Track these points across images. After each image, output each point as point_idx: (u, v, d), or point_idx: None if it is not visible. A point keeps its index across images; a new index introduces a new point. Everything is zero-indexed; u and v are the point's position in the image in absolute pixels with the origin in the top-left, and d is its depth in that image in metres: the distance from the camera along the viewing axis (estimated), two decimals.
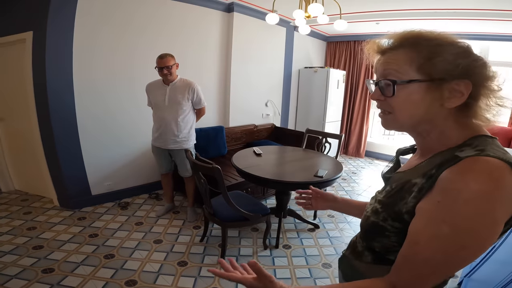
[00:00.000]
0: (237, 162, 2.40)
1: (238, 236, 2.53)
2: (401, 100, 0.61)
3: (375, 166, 5.03)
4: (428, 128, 0.63)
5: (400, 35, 0.62)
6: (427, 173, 0.59)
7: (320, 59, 5.77)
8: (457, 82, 0.57)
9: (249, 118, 4.41)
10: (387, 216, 0.65)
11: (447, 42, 0.59)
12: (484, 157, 0.52)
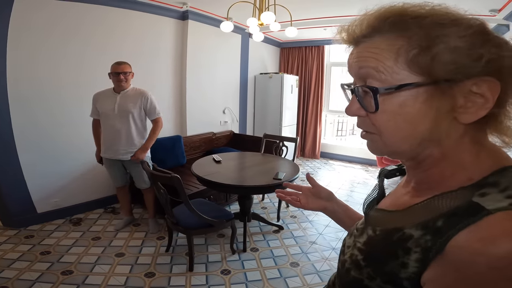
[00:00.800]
0: (197, 170, 2.39)
1: (205, 244, 2.52)
2: (389, 116, 0.42)
3: (330, 166, 5.33)
4: (435, 155, 0.42)
5: (376, 15, 0.42)
6: (429, 224, 0.39)
7: (274, 65, 5.98)
8: (476, 81, 0.37)
9: (207, 126, 4.39)
10: (374, 274, 0.45)
11: (450, 19, 0.39)
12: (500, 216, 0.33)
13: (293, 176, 2.37)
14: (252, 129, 5.65)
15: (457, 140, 0.41)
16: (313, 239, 2.69)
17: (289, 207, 3.39)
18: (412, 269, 0.39)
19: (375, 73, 0.41)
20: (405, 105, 0.40)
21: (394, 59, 0.40)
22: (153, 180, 1.93)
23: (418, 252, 0.39)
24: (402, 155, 0.47)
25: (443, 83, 0.38)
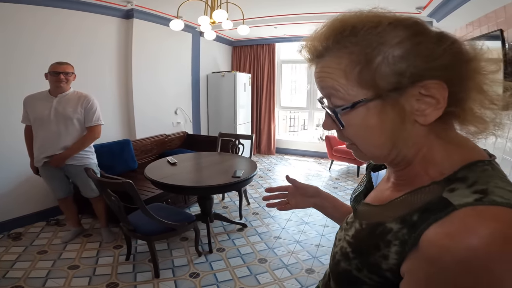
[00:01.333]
0: (151, 174, 2.27)
1: (168, 248, 2.44)
2: (355, 129, 0.44)
3: (286, 161, 5.49)
4: (409, 156, 0.45)
5: (323, 33, 0.43)
6: (406, 218, 0.41)
7: (227, 63, 5.94)
8: (423, 84, 0.39)
9: (159, 128, 4.19)
10: (361, 266, 0.47)
11: (384, 27, 0.39)
12: (490, 207, 0.34)
13: (252, 173, 2.38)
14: (207, 129, 5.55)
15: (424, 140, 0.43)
16: (277, 234, 2.74)
17: (250, 204, 3.41)
18: (392, 261, 0.41)
19: (334, 92, 0.43)
20: (365, 118, 0.42)
21: (345, 77, 0.41)
22: (101, 188, 1.78)
23: (397, 245, 0.41)
24: (381, 160, 0.49)
25: (392, 93, 0.40)
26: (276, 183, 4.25)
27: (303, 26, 4.59)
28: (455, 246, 0.33)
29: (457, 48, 0.39)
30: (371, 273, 0.46)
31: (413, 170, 0.46)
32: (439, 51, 0.38)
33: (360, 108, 0.42)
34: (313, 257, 2.37)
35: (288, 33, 5.16)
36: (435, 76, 0.38)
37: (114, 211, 1.93)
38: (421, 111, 0.40)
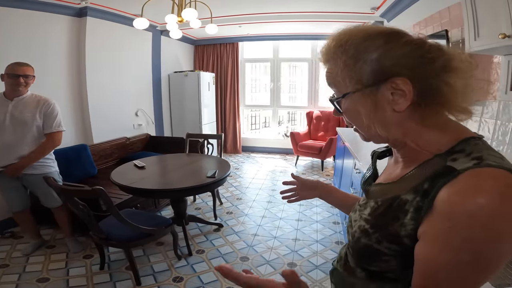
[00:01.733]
0: (119, 179, 2.12)
1: (144, 255, 2.34)
2: (350, 114, 0.57)
3: (253, 159, 5.52)
4: (401, 138, 0.55)
5: (323, 52, 0.58)
6: (419, 188, 0.49)
7: (189, 62, 5.79)
8: (393, 80, 0.50)
9: (119, 131, 3.95)
10: (381, 238, 0.54)
11: (365, 38, 0.52)
12: (486, 168, 0.43)
13: (226, 172, 2.35)
14: (170, 130, 5.37)
15: (406, 124, 0.53)
16: (254, 231, 2.75)
17: (222, 204, 3.37)
18: (410, 227, 0.49)
19: (334, 86, 0.58)
20: (353, 106, 0.55)
21: (340, 76, 0.55)
22: (66, 197, 1.62)
23: (412, 212, 0.49)
24: (379, 140, 0.58)
25: (371, 87, 0.52)
26: (245, 181, 4.25)
27: (267, 25, 4.66)
28: (464, 200, 0.42)
29: (422, 52, 0.50)
30: (391, 243, 0.53)
31: (411, 149, 0.55)
32: (405, 55, 0.50)
33: (349, 98, 0.55)
34: (292, 251, 2.41)
35: (252, 32, 5.18)
36: (402, 74, 0.50)
37: (83, 220, 1.78)
38: (395, 101, 0.51)
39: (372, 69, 0.51)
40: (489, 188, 0.42)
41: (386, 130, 0.54)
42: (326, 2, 3.34)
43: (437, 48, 0.51)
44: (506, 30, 1.10)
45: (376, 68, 0.51)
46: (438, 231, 0.45)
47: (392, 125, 0.54)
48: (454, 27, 2.12)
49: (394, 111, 0.52)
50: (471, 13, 1.33)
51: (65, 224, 2.35)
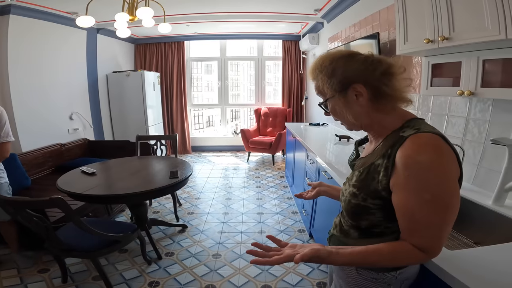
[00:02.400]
0: (69, 188, 1.94)
1: (109, 263, 2.20)
2: (334, 113, 0.84)
3: (204, 158, 5.46)
4: (369, 123, 0.80)
5: (313, 68, 0.83)
6: (385, 153, 0.73)
7: (129, 62, 5.44)
8: (353, 86, 0.76)
9: (51, 137, 3.55)
10: (366, 196, 0.77)
11: (330, 61, 0.79)
12: (421, 133, 0.68)
13: (189, 171, 2.32)
14: (111, 133, 4.97)
15: (370, 114, 0.79)
16: (219, 228, 2.76)
17: (182, 205, 3.27)
18: (384, 182, 0.73)
19: (320, 95, 0.85)
20: (334, 106, 0.82)
21: (323, 86, 0.81)
22: (16, 210, 1.42)
23: (383, 171, 0.73)
24: (355, 128, 0.84)
25: (342, 92, 0.78)
26: (201, 180, 4.20)
27: (215, 25, 4.64)
28: (412, 153, 0.67)
29: (367, 65, 0.76)
30: (374, 199, 0.76)
31: (377, 130, 0.81)
32: (358, 68, 0.76)
33: (330, 102, 0.82)
34: (261, 243, 2.47)
35: (199, 31, 5.09)
36: (358, 81, 0.75)
37: (38, 232, 1.58)
38: (358, 100, 0.77)
39: (339, 80, 0.77)
40: (425, 144, 0.68)
41: (357, 120, 0.80)
42: (274, 3, 3.50)
43: (378, 60, 0.76)
44: (429, 36, 1.34)
45: (342, 79, 0.77)
46: (402, 180, 0.69)
47: (361, 115, 0.79)
48: (383, 29, 2.44)
49: (359, 106, 0.78)
50: (402, 22, 1.58)
51: (13, 239, 2.13)
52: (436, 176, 0.65)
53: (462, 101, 1.61)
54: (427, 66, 1.56)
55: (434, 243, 0.69)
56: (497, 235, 1.19)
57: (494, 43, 1.06)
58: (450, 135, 1.70)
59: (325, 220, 2.15)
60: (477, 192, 1.42)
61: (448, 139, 0.70)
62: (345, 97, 0.78)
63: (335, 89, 0.78)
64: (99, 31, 4.37)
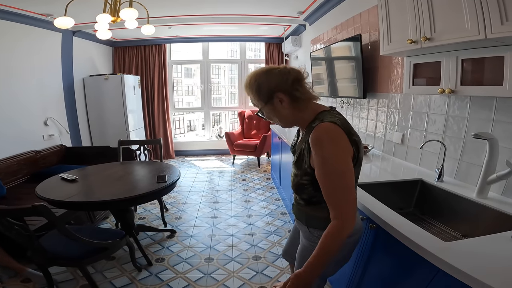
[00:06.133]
0: (50, 195, 1.85)
1: (97, 271, 2.11)
2: (269, 118, 1.08)
3: (188, 163, 5.37)
4: (295, 120, 1.05)
5: (246, 85, 1.05)
6: (305, 140, 1.00)
7: (107, 65, 5.26)
8: (277, 95, 0.99)
9: (25, 144, 3.37)
10: (301, 174, 1.03)
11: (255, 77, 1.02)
12: (322, 123, 0.95)
13: (176, 175, 2.27)
14: (89, 139, 4.78)
15: (295, 113, 1.02)
16: (209, 232, 2.71)
17: (168, 210, 3.21)
18: (307, 161, 0.99)
19: (256, 106, 1.06)
20: (267, 112, 1.04)
21: (255, 100, 1.04)
22: None
23: (306, 152, 0.98)
24: (288, 125, 1.08)
25: (269, 101, 1.01)
26: (186, 185, 4.12)
27: (198, 27, 4.60)
28: (316, 134, 0.93)
29: (282, 75, 0.99)
30: (305, 175, 1.02)
31: (301, 123, 1.05)
32: (276, 79, 0.99)
33: (264, 110, 1.04)
34: (253, 245, 2.48)
35: (181, 34, 5.02)
36: (279, 90, 0.98)
37: (19, 242, 1.50)
38: (282, 105, 1.00)
39: (265, 92, 1.00)
40: (322, 129, 0.94)
41: (287, 120, 1.05)
42: (257, 6, 3.52)
43: (288, 71, 1.00)
44: (412, 37, 1.40)
45: (266, 91, 1.00)
46: (315, 157, 0.94)
47: (288, 116, 1.03)
48: (365, 31, 2.52)
49: (285, 109, 1.01)
50: (385, 23, 1.63)
51: None
52: (328, 149, 0.91)
53: (441, 99, 1.69)
54: (409, 66, 1.62)
55: (342, 209, 0.91)
56: (483, 226, 1.25)
57: (473, 43, 1.12)
58: (431, 132, 1.78)
59: None
60: (460, 186, 1.49)
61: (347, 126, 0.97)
62: (273, 104, 1.00)
63: (264, 101, 1.01)
64: (75, 33, 4.22)
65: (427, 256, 0.92)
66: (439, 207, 1.52)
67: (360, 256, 1.43)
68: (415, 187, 1.66)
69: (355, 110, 2.80)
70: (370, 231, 1.32)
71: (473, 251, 0.91)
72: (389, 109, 2.24)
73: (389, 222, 1.12)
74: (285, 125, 1.07)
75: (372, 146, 2.32)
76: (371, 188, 1.51)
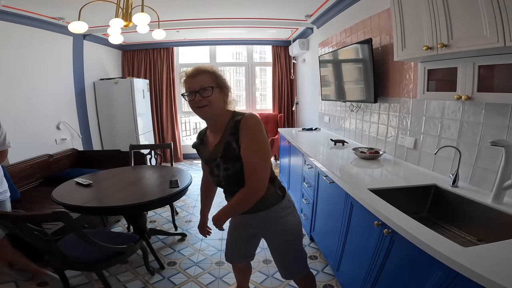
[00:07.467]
0: (66, 200, 1.88)
1: (111, 275, 2.14)
2: (208, 98, 1.20)
3: (197, 166, 5.41)
4: (219, 115, 1.26)
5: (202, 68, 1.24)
6: (232, 132, 1.21)
7: (117, 69, 5.34)
8: (228, 88, 1.28)
9: (39, 148, 3.44)
10: (233, 163, 1.21)
11: (217, 70, 1.25)
12: (246, 114, 1.21)
13: (187, 180, 2.30)
14: (100, 142, 4.84)
15: (223, 108, 1.27)
16: (219, 235, 2.72)
17: (178, 214, 3.23)
18: (237, 147, 1.19)
19: (206, 84, 1.21)
20: (215, 95, 1.22)
21: (212, 80, 1.22)
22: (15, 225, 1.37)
23: (236, 142, 1.19)
24: (212, 116, 1.26)
25: (222, 89, 1.25)
26: (195, 187, 4.08)
27: (205, 31, 4.64)
28: (244, 120, 1.20)
29: (224, 80, 1.26)
30: (238, 161, 1.19)
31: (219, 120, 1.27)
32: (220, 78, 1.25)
33: (215, 90, 1.21)
34: (263, 248, 2.48)
35: (189, 37, 5.08)
36: (228, 87, 1.29)
37: (38, 247, 1.56)
38: (224, 98, 1.28)
39: (223, 80, 1.27)
40: (249, 118, 1.19)
41: (217, 110, 1.24)
42: (264, 9, 3.54)
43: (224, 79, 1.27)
44: (428, 43, 1.39)
45: (223, 80, 1.27)
46: (243, 137, 1.17)
47: (220, 108, 1.25)
48: (375, 35, 2.52)
49: (221, 102, 1.26)
50: (399, 28, 1.63)
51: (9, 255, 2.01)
52: (261, 132, 1.18)
53: (456, 105, 1.68)
54: (423, 72, 1.61)
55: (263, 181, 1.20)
56: (499, 231, 1.24)
57: (492, 50, 1.12)
58: (445, 138, 1.77)
59: (326, 223, 2.18)
60: (475, 191, 1.49)
61: None
62: (223, 91, 1.26)
63: (219, 85, 1.25)
64: (86, 37, 4.29)
65: (445, 261, 0.92)
66: (454, 212, 1.51)
67: (374, 262, 1.43)
68: (429, 192, 1.65)
69: (366, 114, 2.79)
70: (385, 237, 1.32)
71: (493, 255, 0.91)
72: (401, 114, 2.24)
73: (405, 228, 1.13)
74: (210, 113, 1.22)
75: (383, 151, 2.31)
76: (385, 193, 1.51)
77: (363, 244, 1.55)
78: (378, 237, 1.37)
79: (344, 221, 1.77)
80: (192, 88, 1.19)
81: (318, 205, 2.38)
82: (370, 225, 1.40)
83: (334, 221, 1.95)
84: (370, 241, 1.44)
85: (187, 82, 1.22)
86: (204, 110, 1.20)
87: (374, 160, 2.23)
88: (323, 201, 2.26)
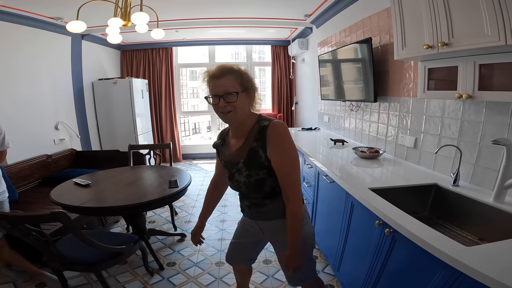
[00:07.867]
0: (64, 200, 1.87)
1: (110, 276, 2.12)
2: (233, 104, 1.12)
3: (196, 166, 5.39)
4: (245, 118, 1.18)
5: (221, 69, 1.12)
6: (256, 138, 1.14)
7: (115, 69, 5.32)
8: (254, 89, 1.19)
9: (37, 148, 3.42)
10: (256, 171, 1.15)
11: (239, 68, 1.15)
12: (274, 121, 1.15)
13: (187, 180, 2.29)
14: (98, 143, 4.82)
15: (249, 111, 1.19)
16: (219, 236, 2.72)
17: (178, 214, 3.22)
18: (264, 155, 1.13)
19: (231, 89, 1.10)
20: (241, 99, 1.12)
21: (237, 83, 1.11)
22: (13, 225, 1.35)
23: (261, 148, 1.13)
24: (237, 120, 1.18)
25: (248, 91, 1.14)
26: (195, 188, 4.14)
27: (204, 30, 4.63)
28: (273, 127, 1.12)
29: (250, 80, 1.16)
30: (262, 169, 1.14)
31: (244, 123, 1.18)
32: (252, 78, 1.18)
33: (240, 94, 1.11)
34: (265, 248, 2.45)
35: (188, 37, 5.06)
36: (254, 86, 1.18)
37: (36, 247, 1.54)
38: (250, 101, 1.19)
39: (247, 80, 1.16)
40: (279, 125, 1.12)
41: (243, 114, 1.16)
42: (264, 9, 3.54)
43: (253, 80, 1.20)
44: (429, 42, 1.38)
45: (248, 80, 1.17)
46: (275, 147, 1.11)
47: (246, 112, 1.17)
48: (374, 34, 2.51)
49: (247, 105, 1.18)
50: (399, 27, 1.62)
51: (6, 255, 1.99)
52: (289, 141, 1.13)
53: (456, 104, 1.67)
54: (423, 71, 1.60)
55: (299, 192, 1.16)
56: (500, 230, 1.24)
57: (493, 48, 1.11)
58: (445, 137, 1.76)
59: (327, 223, 2.17)
60: (476, 190, 1.48)
61: None
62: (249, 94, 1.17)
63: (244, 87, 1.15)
64: (84, 37, 4.27)
65: (449, 261, 0.91)
66: (455, 211, 1.51)
67: (375, 262, 1.42)
68: (430, 191, 1.64)
69: (365, 113, 2.79)
70: (386, 236, 1.31)
71: (496, 254, 0.90)
72: (401, 113, 2.23)
73: (407, 227, 1.12)
74: (235, 119, 1.14)
75: (383, 150, 2.31)
76: (386, 193, 1.50)
77: (364, 244, 1.54)
78: (379, 237, 1.36)
79: (345, 220, 1.76)
80: (216, 92, 1.09)
81: (318, 205, 2.37)
82: (371, 225, 1.39)
83: (334, 221, 1.94)
84: (371, 240, 1.43)
85: (211, 83, 1.11)
86: (229, 116, 1.11)
87: (374, 159, 2.23)
88: (323, 200, 2.25)
